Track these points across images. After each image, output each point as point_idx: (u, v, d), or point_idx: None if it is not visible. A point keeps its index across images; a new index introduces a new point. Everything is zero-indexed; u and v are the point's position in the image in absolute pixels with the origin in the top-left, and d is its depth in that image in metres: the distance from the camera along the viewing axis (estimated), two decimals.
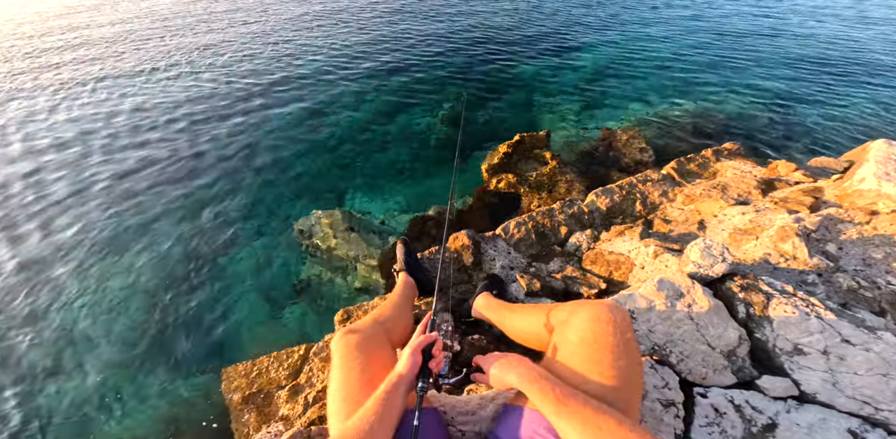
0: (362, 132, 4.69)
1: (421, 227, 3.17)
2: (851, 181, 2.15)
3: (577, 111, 4.90)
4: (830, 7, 8.81)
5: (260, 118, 5.18)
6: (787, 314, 1.20)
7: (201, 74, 6.88)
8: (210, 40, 8.84)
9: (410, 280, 1.67)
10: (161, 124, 5.22)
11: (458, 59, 6.63)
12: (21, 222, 3.67)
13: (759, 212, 2.11)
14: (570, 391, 0.79)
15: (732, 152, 2.98)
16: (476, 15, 9.36)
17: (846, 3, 8.87)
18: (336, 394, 0.99)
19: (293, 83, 6.14)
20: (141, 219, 3.57)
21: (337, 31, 8.80)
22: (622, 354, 0.86)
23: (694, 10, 8.82)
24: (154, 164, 4.34)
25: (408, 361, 0.94)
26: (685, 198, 2.43)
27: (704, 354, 1.14)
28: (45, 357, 2.57)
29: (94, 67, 7.51)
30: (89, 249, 3.30)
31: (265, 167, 4.16)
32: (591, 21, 8.39)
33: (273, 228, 3.33)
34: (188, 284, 2.92)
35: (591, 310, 0.94)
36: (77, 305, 2.86)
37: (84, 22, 11.35)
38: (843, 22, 7.74)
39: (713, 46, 6.67)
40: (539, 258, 2.15)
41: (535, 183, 3.53)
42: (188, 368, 2.42)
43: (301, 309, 2.67)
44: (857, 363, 1.02)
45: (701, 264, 1.49)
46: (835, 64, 5.82)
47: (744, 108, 4.72)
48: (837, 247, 1.74)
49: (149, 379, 2.39)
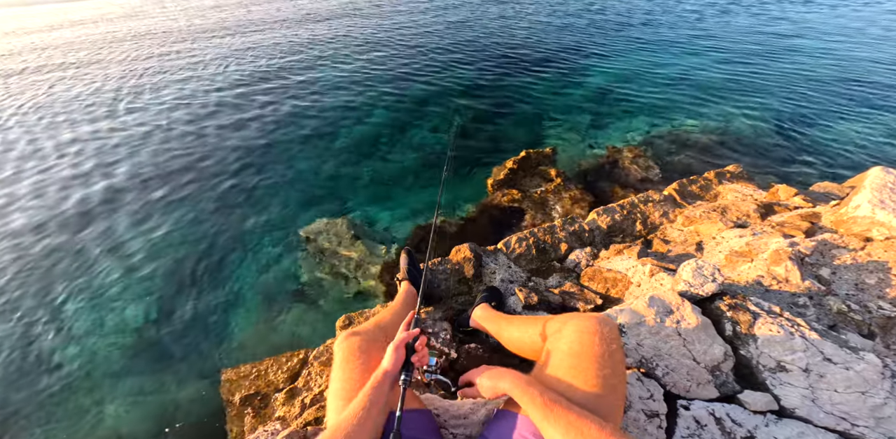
0: (371, 142, 4.88)
1: (423, 238, 3.30)
2: (847, 208, 2.27)
3: (584, 127, 5.06)
4: (844, 27, 8.86)
5: (270, 124, 5.42)
6: (772, 333, 1.31)
7: (210, 83, 7.16)
8: (217, 52, 9.20)
9: (412, 289, 1.78)
10: (173, 127, 5.46)
11: (468, 72, 6.88)
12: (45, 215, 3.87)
13: (756, 235, 2.23)
14: (556, 397, 0.88)
15: (735, 174, 3.11)
16: (485, 30, 9.72)
17: (860, 24, 8.93)
18: (336, 393, 1.09)
19: (304, 91, 6.41)
20: (150, 219, 3.77)
21: (348, 43, 9.17)
22: (607, 364, 0.96)
23: (702, 29, 9.03)
24: (162, 168, 4.56)
25: (391, 357, 1.04)
26: (685, 220, 2.54)
27: (689, 368, 1.24)
28: (46, 348, 2.69)
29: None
30: (96, 245, 3.47)
31: (273, 173, 4.35)
32: (600, 38, 8.66)
33: (279, 233, 3.49)
34: (192, 284, 3.06)
35: (580, 322, 1.05)
36: (81, 298, 3.00)
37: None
38: (858, 42, 7.79)
39: (722, 66, 6.83)
40: (538, 273, 2.26)
41: (538, 199, 3.66)
42: (188, 367, 2.53)
43: (302, 313, 2.79)
44: (837, 380, 1.11)
45: (692, 283, 1.60)
46: (847, 85, 5.88)
47: (751, 129, 4.85)
48: (831, 272, 1.85)
49: (147, 377, 2.50)
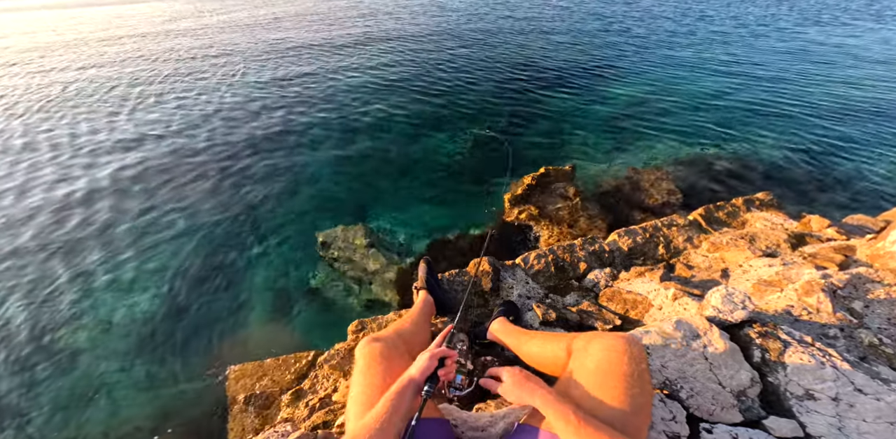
0: (391, 152, 4.99)
1: (441, 250, 3.32)
2: (885, 242, 2.22)
3: (605, 146, 5.05)
4: (882, 51, 8.60)
5: (293, 130, 5.60)
6: (803, 362, 1.27)
7: (242, 88, 7.49)
8: (232, 58, 9.63)
9: (430, 298, 1.79)
10: (199, 130, 5.70)
11: (490, 87, 7.01)
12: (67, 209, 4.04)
13: (787, 265, 2.19)
14: (587, 417, 0.87)
15: (765, 202, 3.07)
16: (509, 44, 9.95)
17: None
18: (357, 398, 1.09)
19: (329, 100, 6.63)
20: (172, 217, 3.90)
21: (373, 54, 9.48)
22: (636, 384, 0.95)
23: (730, 52, 8.97)
24: (186, 167, 4.73)
25: (423, 365, 1.05)
26: (710, 246, 2.52)
27: (714, 392, 1.21)
28: (60, 339, 2.76)
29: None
30: (119, 241, 3.60)
31: (294, 178, 4.47)
32: (628, 55, 8.69)
33: (295, 236, 3.56)
34: (208, 282, 3.13)
35: (608, 341, 1.04)
36: (97, 291, 3.09)
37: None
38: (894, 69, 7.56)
39: (753, 89, 6.71)
40: (556, 290, 2.24)
41: (556, 217, 3.67)
42: (194, 362, 2.57)
43: (313, 316, 2.82)
44: (866, 410, 1.08)
45: (721, 309, 1.58)
46: (885, 114, 5.70)
47: (782, 156, 4.74)
48: (864, 305, 1.80)
49: (152, 371, 2.54)
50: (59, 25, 16.40)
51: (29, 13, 23.13)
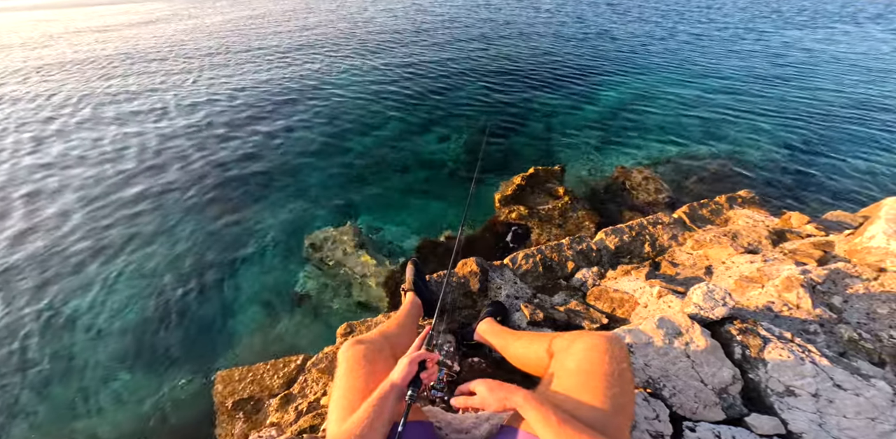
0: (381, 153, 4.98)
1: (430, 250, 3.31)
2: (862, 237, 2.27)
3: (595, 146, 5.13)
4: (865, 54, 8.93)
5: (282, 131, 5.55)
6: (783, 358, 1.30)
7: (225, 87, 7.39)
8: (223, 60, 9.52)
9: (417, 300, 1.78)
10: (186, 132, 5.61)
11: (480, 87, 7.04)
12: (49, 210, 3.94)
13: (768, 261, 2.23)
14: (568, 417, 0.88)
15: (747, 200, 3.12)
16: (500, 45, 9.98)
17: (885, 50, 9.01)
18: (338, 402, 1.08)
19: (318, 99, 6.57)
20: (158, 220, 3.85)
21: (365, 53, 9.44)
22: (616, 383, 0.96)
23: (717, 54, 9.19)
24: (175, 169, 4.66)
25: (403, 370, 1.04)
26: (694, 243, 2.55)
27: (697, 390, 1.23)
28: (46, 346, 2.71)
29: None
30: (105, 246, 3.53)
31: (282, 180, 4.44)
32: (617, 58, 8.82)
33: (284, 239, 3.53)
34: (195, 286, 3.09)
35: (590, 340, 1.05)
36: (84, 296, 3.04)
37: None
38: (878, 71, 7.83)
39: (739, 91, 6.90)
40: (544, 290, 2.25)
41: (545, 216, 3.68)
42: (182, 367, 2.54)
43: (302, 319, 2.80)
44: (846, 406, 1.10)
45: (702, 306, 1.60)
46: (864, 114, 5.90)
47: (765, 155, 4.88)
48: (843, 300, 1.84)
49: (139, 375, 2.51)
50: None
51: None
